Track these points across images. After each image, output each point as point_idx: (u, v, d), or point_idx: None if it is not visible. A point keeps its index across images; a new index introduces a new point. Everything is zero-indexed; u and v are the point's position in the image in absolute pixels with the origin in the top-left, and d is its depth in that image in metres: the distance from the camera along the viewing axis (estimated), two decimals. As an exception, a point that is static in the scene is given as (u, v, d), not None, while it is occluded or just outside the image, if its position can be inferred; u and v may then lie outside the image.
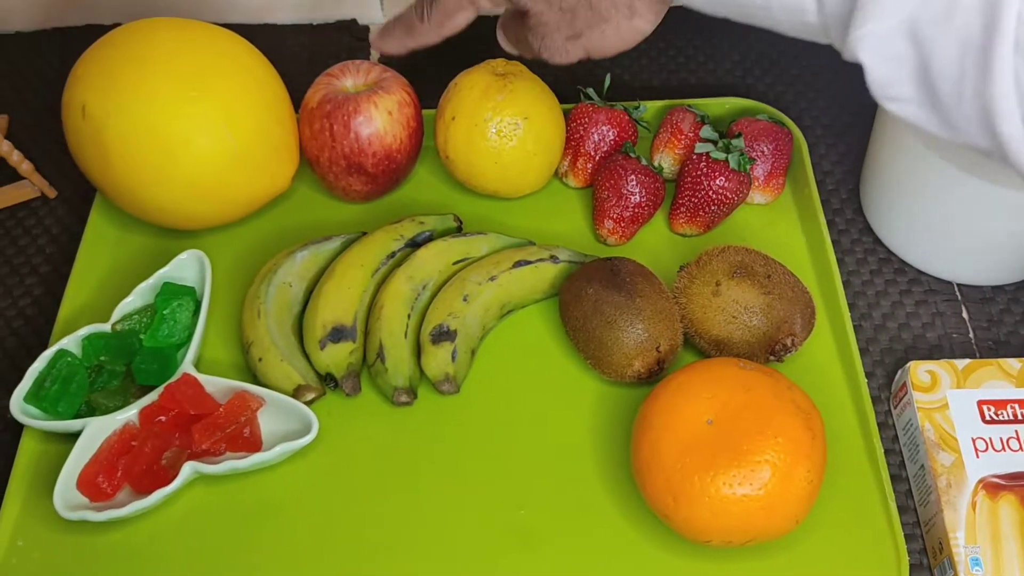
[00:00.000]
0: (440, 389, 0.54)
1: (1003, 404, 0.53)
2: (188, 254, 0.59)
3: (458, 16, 0.53)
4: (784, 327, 0.53)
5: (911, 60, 0.39)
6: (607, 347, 0.53)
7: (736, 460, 0.45)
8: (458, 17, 0.53)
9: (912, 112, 0.41)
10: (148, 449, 0.51)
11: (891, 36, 0.38)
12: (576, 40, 0.50)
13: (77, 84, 0.57)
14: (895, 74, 0.40)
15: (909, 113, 0.41)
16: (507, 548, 0.50)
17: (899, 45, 0.38)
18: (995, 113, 0.37)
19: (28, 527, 0.52)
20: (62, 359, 0.54)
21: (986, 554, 0.48)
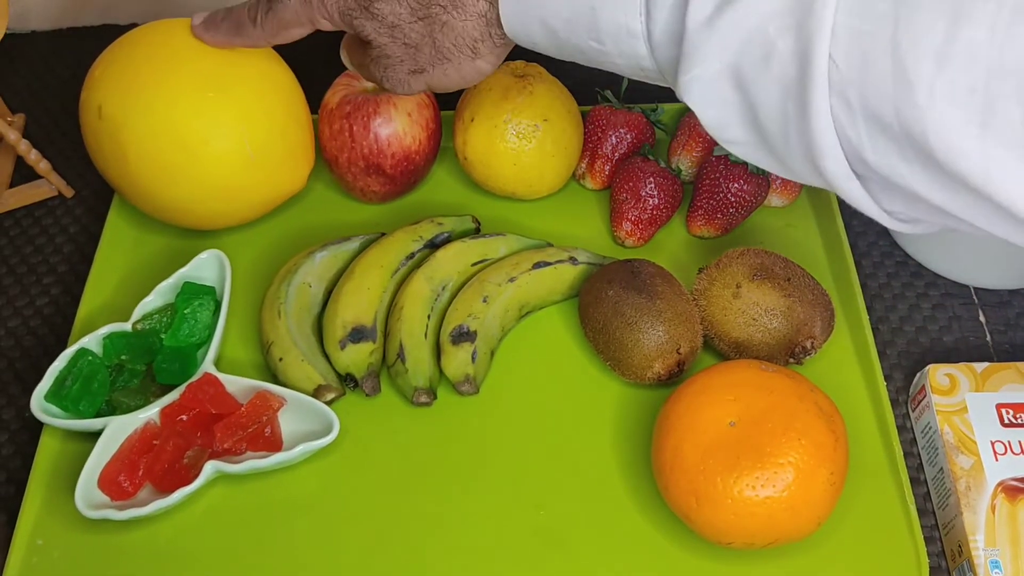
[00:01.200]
0: (460, 390, 0.54)
1: (1022, 407, 0.53)
2: (208, 254, 0.59)
3: (294, 30, 0.51)
4: (804, 330, 0.53)
5: (738, 104, 0.39)
6: (627, 349, 0.53)
7: (759, 462, 0.46)
8: (293, 30, 0.51)
9: (749, 153, 0.42)
10: (170, 448, 0.51)
11: (716, 81, 0.39)
12: (418, 75, 0.49)
13: (95, 85, 0.57)
14: (725, 118, 0.40)
15: (747, 154, 0.42)
16: (527, 548, 0.50)
17: (725, 90, 0.39)
18: (817, 152, 0.38)
19: (48, 526, 0.52)
20: (83, 358, 0.54)
21: (1005, 557, 0.48)
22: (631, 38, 0.41)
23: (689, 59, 0.39)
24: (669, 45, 0.40)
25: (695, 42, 0.38)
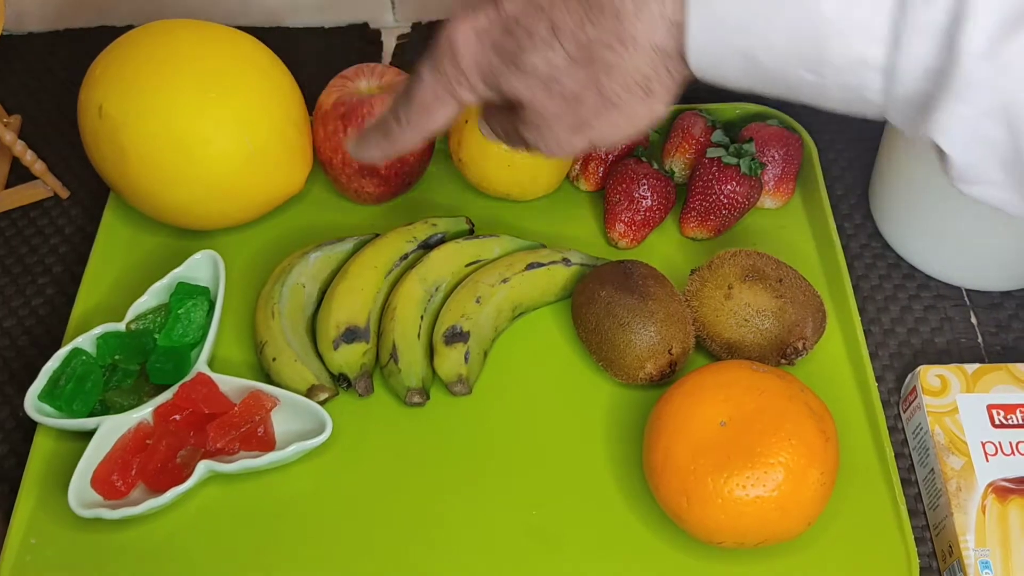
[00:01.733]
0: (452, 390, 0.55)
1: (1012, 408, 0.53)
2: (202, 254, 0.59)
3: (438, 113, 0.44)
4: (795, 330, 0.54)
5: (1003, 145, 0.35)
6: (619, 349, 0.53)
7: (750, 462, 0.46)
8: (438, 114, 0.44)
9: (993, 194, 0.38)
10: (163, 447, 0.51)
11: (983, 120, 0.35)
12: (581, 131, 0.43)
13: (94, 84, 0.57)
14: (981, 160, 0.36)
15: (989, 195, 0.38)
16: (519, 548, 0.51)
17: (990, 129, 0.35)
18: None
19: (41, 525, 0.52)
20: (77, 358, 0.54)
21: (996, 557, 0.48)
22: (864, 69, 0.36)
23: (956, 95, 0.34)
24: (920, 78, 0.35)
25: (968, 76, 0.34)
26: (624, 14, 0.39)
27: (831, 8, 0.35)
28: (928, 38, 0.34)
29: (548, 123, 0.43)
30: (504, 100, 0.43)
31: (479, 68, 0.42)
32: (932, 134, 0.36)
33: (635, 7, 0.38)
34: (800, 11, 0.36)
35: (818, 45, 0.36)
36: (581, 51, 0.40)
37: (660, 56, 0.39)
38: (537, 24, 0.40)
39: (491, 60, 0.41)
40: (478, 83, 0.42)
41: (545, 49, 0.40)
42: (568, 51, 0.40)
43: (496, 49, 0.41)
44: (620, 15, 0.39)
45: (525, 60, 0.41)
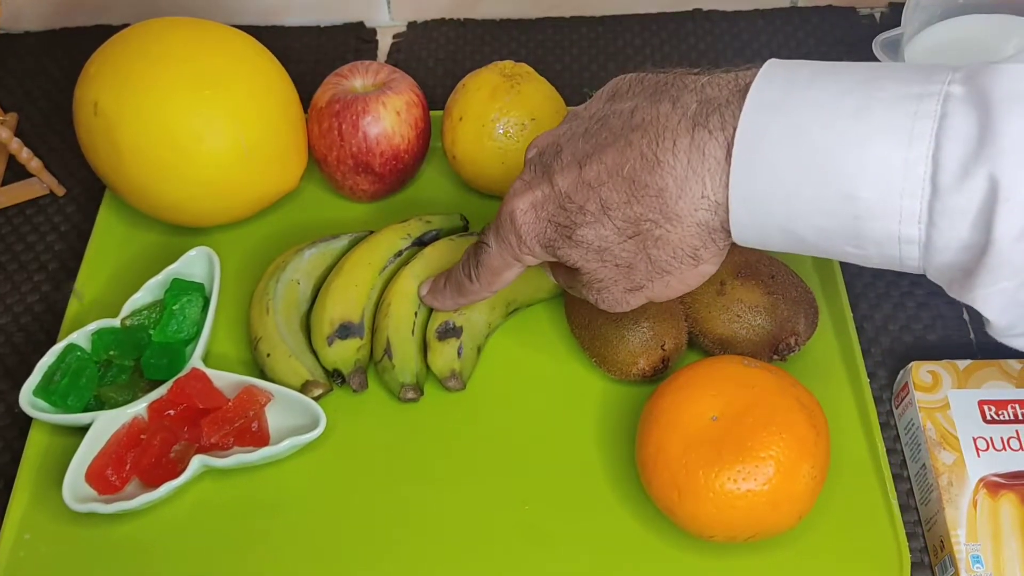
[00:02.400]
0: (446, 385, 0.55)
1: (1004, 404, 0.53)
2: (197, 251, 0.59)
3: (506, 274, 0.49)
4: (788, 326, 0.54)
5: None
6: (612, 345, 0.54)
7: (740, 456, 0.46)
8: (506, 275, 0.49)
9: None
10: (157, 442, 0.52)
11: (1020, 290, 0.36)
12: (637, 292, 0.46)
13: (90, 81, 0.58)
14: (1021, 319, 0.38)
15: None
16: (512, 543, 0.51)
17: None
18: None
19: (36, 520, 0.52)
20: (71, 353, 0.55)
21: (987, 552, 0.49)
22: (903, 244, 0.38)
23: (995, 272, 0.36)
24: (956, 254, 0.37)
25: (1005, 256, 0.35)
26: (667, 194, 0.41)
27: (868, 195, 0.37)
28: (962, 220, 0.36)
29: (604, 285, 0.46)
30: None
31: (538, 239, 0.46)
32: (974, 303, 0.37)
33: (677, 188, 0.41)
34: (838, 195, 0.37)
35: (858, 225, 0.38)
36: (630, 226, 0.43)
37: (705, 229, 0.42)
38: (588, 201, 0.43)
39: (548, 232, 0.45)
40: (538, 250, 0.46)
41: (596, 224, 0.43)
42: (617, 225, 0.43)
43: (552, 222, 0.45)
44: (663, 195, 0.41)
45: (578, 233, 0.44)
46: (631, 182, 0.42)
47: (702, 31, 0.77)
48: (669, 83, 0.43)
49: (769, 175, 0.38)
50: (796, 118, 0.38)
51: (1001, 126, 0.34)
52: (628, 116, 0.43)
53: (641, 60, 0.75)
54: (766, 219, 0.40)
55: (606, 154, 0.43)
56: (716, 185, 0.40)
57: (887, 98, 0.37)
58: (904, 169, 0.36)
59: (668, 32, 0.76)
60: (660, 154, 0.41)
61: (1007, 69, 0.35)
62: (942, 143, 0.35)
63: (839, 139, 0.37)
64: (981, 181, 0.35)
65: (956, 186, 0.35)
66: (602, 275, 0.45)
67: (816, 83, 0.38)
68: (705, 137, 0.40)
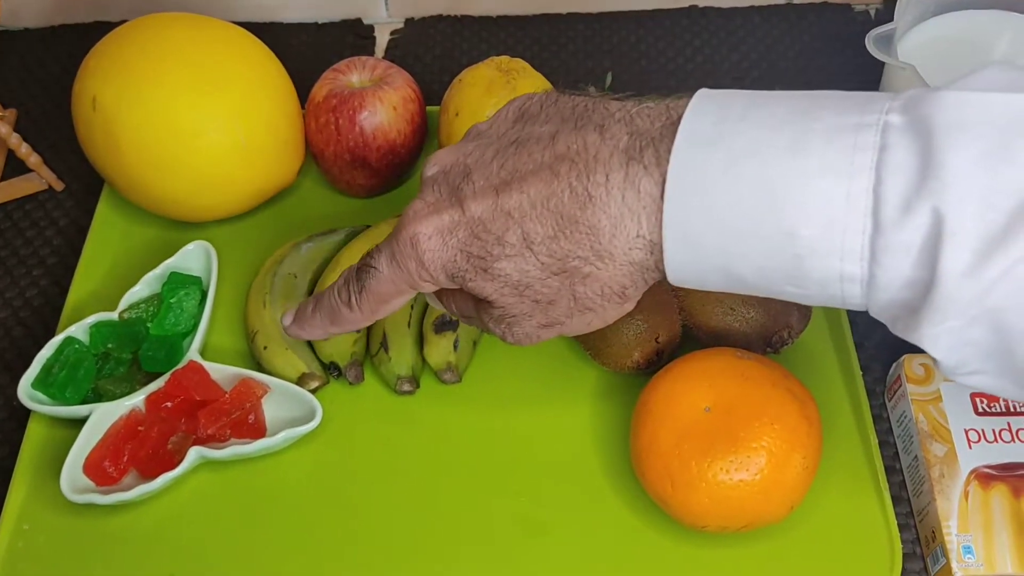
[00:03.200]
0: (442, 378, 0.55)
1: (995, 397, 0.53)
2: (195, 245, 0.59)
3: (394, 302, 0.44)
4: (781, 319, 0.54)
5: (991, 345, 0.35)
6: (607, 338, 0.54)
7: (733, 446, 0.46)
8: (394, 303, 0.44)
9: (983, 381, 0.37)
10: (154, 434, 0.52)
11: (969, 327, 0.34)
12: (550, 328, 0.42)
13: (88, 76, 0.58)
14: (970, 358, 0.36)
15: (983, 384, 0.38)
16: (507, 534, 0.51)
17: (978, 334, 0.35)
18: None
19: (34, 511, 0.52)
20: (70, 346, 0.55)
21: (978, 542, 0.49)
22: (845, 283, 0.36)
23: (942, 311, 0.34)
24: (900, 291, 0.35)
25: (951, 294, 0.33)
26: (600, 232, 0.38)
27: (808, 232, 0.35)
28: (906, 257, 0.34)
29: (517, 320, 0.42)
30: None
31: (445, 268, 0.41)
32: (920, 342, 0.36)
33: (611, 226, 0.38)
34: (778, 234, 0.36)
35: (798, 264, 0.36)
36: (555, 261, 0.39)
37: (638, 269, 0.39)
38: (507, 232, 0.40)
39: (458, 261, 0.41)
40: (442, 280, 0.42)
41: (517, 258, 0.40)
42: (542, 261, 0.40)
43: (463, 251, 0.41)
44: (595, 232, 0.38)
45: (497, 266, 0.40)
46: (559, 216, 0.39)
47: (698, 27, 0.77)
48: (590, 109, 0.40)
49: (705, 214, 0.36)
50: (731, 153, 0.36)
51: (944, 157, 0.33)
52: (549, 142, 0.40)
53: (637, 56, 0.75)
54: (703, 260, 0.38)
55: (528, 183, 0.39)
56: (652, 224, 0.38)
57: (824, 129, 0.35)
58: (845, 205, 0.34)
59: (664, 28, 0.77)
60: (592, 189, 0.38)
61: (947, 96, 0.34)
62: (883, 176, 0.34)
63: (776, 175, 0.35)
64: (925, 216, 0.33)
65: (899, 221, 0.34)
66: (517, 310, 0.42)
67: (750, 115, 0.37)
68: (640, 173, 0.38)
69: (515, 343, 0.44)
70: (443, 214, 0.41)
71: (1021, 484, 0.50)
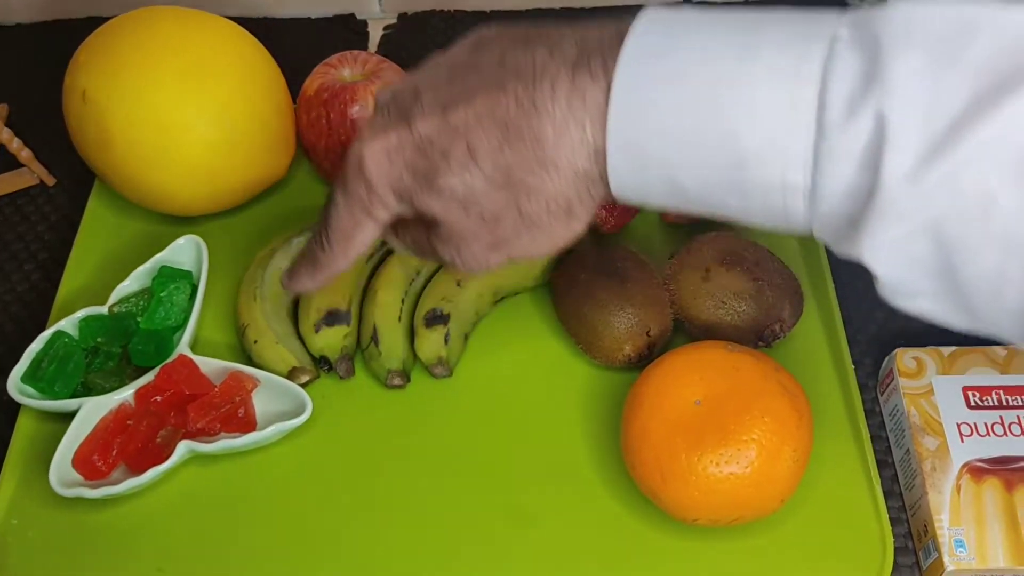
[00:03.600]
0: (433, 372, 0.55)
1: (988, 390, 0.53)
2: (185, 239, 0.59)
3: (358, 236, 0.44)
4: (773, 313, 0.54)
5: (932, 261, 0.35)
6: (598, 331, 0.54)
7: (723, 439, 0.46)
8: (358, 237, 0.44)
9: (926, 306, 0.37)
10: (143, 428, 0.52)
11: (910, 239, 0.34)
12: (499, 248, 0.42)
13: (79, 69, 0.58)
14: (911, 276, 0.36)
15: (920, 306, 0.37)
16: (498, 527, 0.51)
17: (919, 248, 0.34)
18: None
19: (23, 506, 0.52)
20: (59, 340, 0.55)
21: (970, 536, 0.49)
22: (787, 193, 0.36)
23: (883, 219, 0.34)
24: (842, 201, 0.35)
25: (893, 199, 0.33)
26: (544, 140, 0.38)
27: (751, 139, 0.35)
28: (849, 163, 0.34)
29: (465, 241, 0.42)
30: (417, 214, 0.42)
31: (392, 187, 0.41)
32: (860, 256, 0.36)
33: (555, 133, 0.38)
34: (721, 141, 0.36)
35: (740, 172, 0.36)
36: (500, 174, 0.39)
37: (583, 179, 0.39)
38: (452, 146, 0.40)
39: (404, 179, 0.41)
40: (392, 201, 0.42)
41: (462, 171, 0.40)
42: (486, 173, 0.39)
43: (409, 168, 0.41)
44: (540, 141, 0.38)
45: (441, 182, 0.40)
46: (504, 127, 0.39)
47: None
48: (544, 33, 0.40)
49: (649, 120, 0.36)
50: (677, 62, 0.36)
51: (890, 64, 0.33)
52: (498, 62, 0.40)
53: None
54: (646, 168, 0.37)
55: (475, 98, 0.39)
56: (596, 131, 0.38)
57: (773, 41, 0.35)
58: (789, 111, 0.34)
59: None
60: (537, 98, 0.38)
61: (895, 10, 0.34)
62: (828, 84, 0.34)
63: (722, 82, 0.35)
64: (868, 120, 0.33)
65: (842, 125, 0.34)
66: (463, 228, 0.41)
67: (700, 27, 0.37)
68: (587, 81, 0.38)
69: (466, 270, 0.43)
70: (390, 134, 0.41)
71: (1013, 478, 0.50)
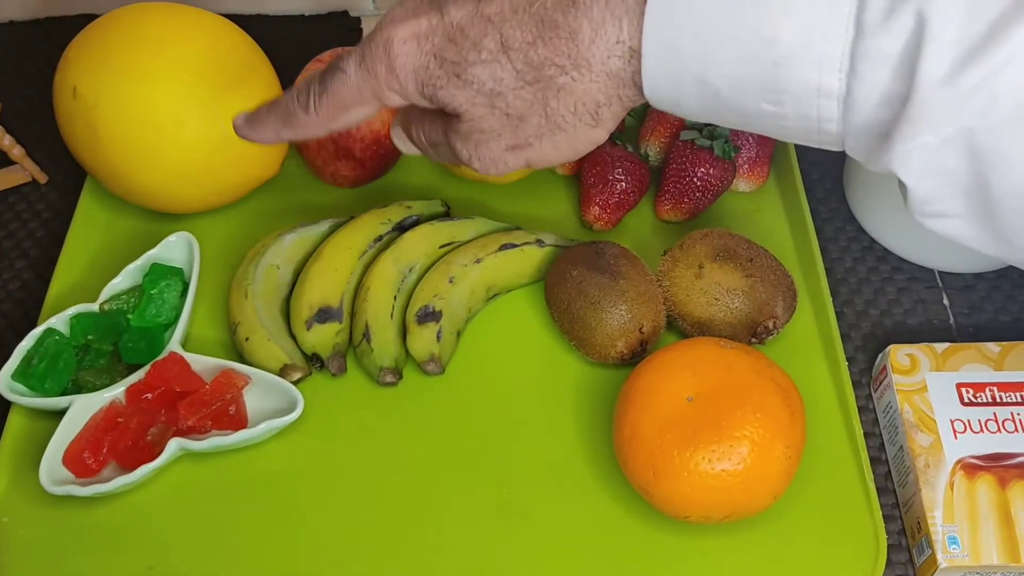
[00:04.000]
0: (425, 369, 0.55)
1: (981, 387, 0.53)
2: (177, 236, 0.59)
3: (355, 111, 0.42)
4: (766, 309, 0.54)
5: (964, 174, 0.34)
6: (591, 328, 0.54)
7: (715, 436, 0.46)
8: (355, 112, 0.42)
9: (955, 226, 0.36)
10: (134, 425, 0.52)
11: (943, 148, 0.33)
12: (519, 150, 0.41)
13: (69, 66, 0.58)
14: (942, 190, 0.35)
15: (951, 228, 0.37)
16: (490, 525, 0.51)
17: (951, 158, 0.34)
18: None
19: (13, 504, 0.52)
20: (50, 337, 0.54)
21: (963, 533, 0.49)
22: (821, 98, 0.35)
23: (916, 123, 0.33)
24: (879, 106, 0.34)
25: (928, 104, 0.33)
26: (580, 37, 0.37)
27: (788, 37, 0.34)
28: (886, 65, 0.33)
29: (486, 138, 0.41)
30: (436, 107, 0.41)
31: (415, 74, 0.40)
32: (891, 165, 0.35)
33: (592, 30, 0.37)
34: (757, 39, 0.35)
35: (776, 74, 0.35)
36: (531, 70, 0.38)
37: (614, 82, 0.38)
38: (485, 37, 0.39)
39: (430, 67, 0.40)
40: (411, 89, 0.41)
41: (492, 64, 0.39)
42: (517, 68, 0.38)
43: (437, 57, 0.40)
44: (575, 37, 0.38)
45: (469, 72, 0.39)
46: (540, 21, 0.38)
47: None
48: None
49: (685, 18, 0.36)
50: None
51: None
52: None
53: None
54: (681, 69, 0.36)
55: None
56: (632, 29, 0.37)
57: None
58: (827, 9, 0.34)
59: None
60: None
61: None
62: None
63: None
64: (908, 19, 0.33)
65: (881, 25, 0.33)
66: (486, 124, 0.40)
67: None
68: None
69: (482, 170, 0.42)
70: (421, 19, 0.40)
71: (1007, 474, 0.50)
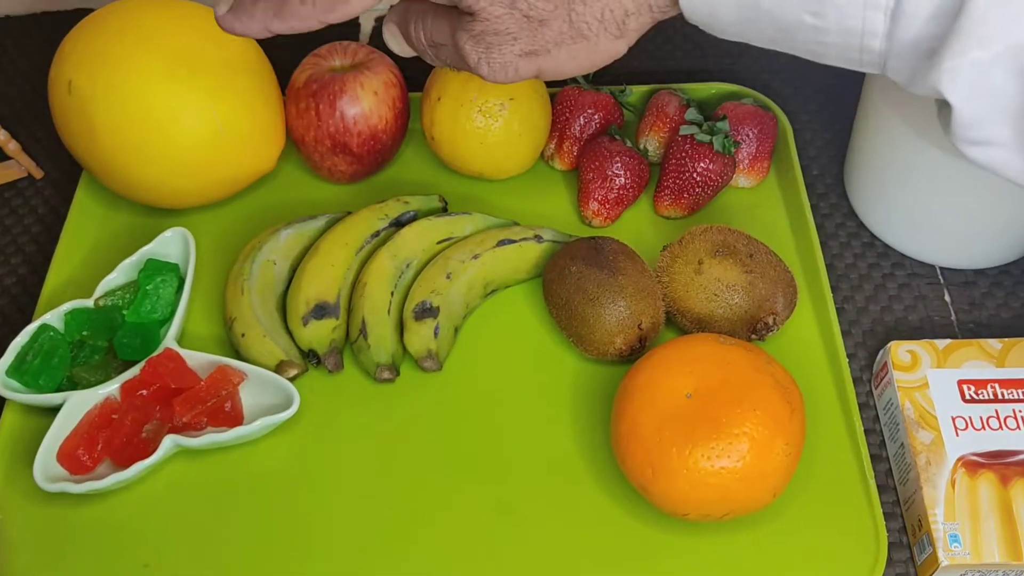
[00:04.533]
0: (422, 366, 0.54)
1: (983, 384, 0.53)
2: (172, 231, 0.59)
3: (354, 1, 0.38)
4: (765, 305, 0.53)
5: (1013, 95, 0.32)
6: (589, 324, 0.53)
7: (714, 433, 0.46)
8: (354, 3, 0.38)
9: (1000, 157, 0.35)
10: (128, 422, 0.51)
11: (992, 66, 0.32)
12: (533, 57, 0.38)
13: (64, 60, 0.57)
14: (989, 112, 0.33)
15: (995, 158, 0.35)
16: (487, 522, 0.50)
17: (1000, 77, 0.32)
18: None
19: (7, 500, 0.51)
20: (44, 334, 0.54)
21: (965, 531, 0.48)
22: (868, 9, 0.33)
23: (967, 37, 0.31)
24: (928, 20, 0.32)
25: (979, 18, 0.31)
26: None
27: None
28: None
29: (500, 40, 0.38)
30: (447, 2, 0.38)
31: None
32: (937, 83, 0.33)
33: None
34: None
35: None
36: None
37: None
38: None
39: None
40: None
41: None
42: None
43: None
44: None
45: None
46: None
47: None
48: None
49: None
50: None
51: None
52: None
53: (624, 43, 0.74)
54: None
55: None
56: None
57: None
58: None
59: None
60: None
61: None
62: None
63: None
64: None
65: None
66: (503, 26, 0.37)
67: None
68: None
69: (490, 77, 0.39)
70: None
71: (1008, 472, 0.50)
